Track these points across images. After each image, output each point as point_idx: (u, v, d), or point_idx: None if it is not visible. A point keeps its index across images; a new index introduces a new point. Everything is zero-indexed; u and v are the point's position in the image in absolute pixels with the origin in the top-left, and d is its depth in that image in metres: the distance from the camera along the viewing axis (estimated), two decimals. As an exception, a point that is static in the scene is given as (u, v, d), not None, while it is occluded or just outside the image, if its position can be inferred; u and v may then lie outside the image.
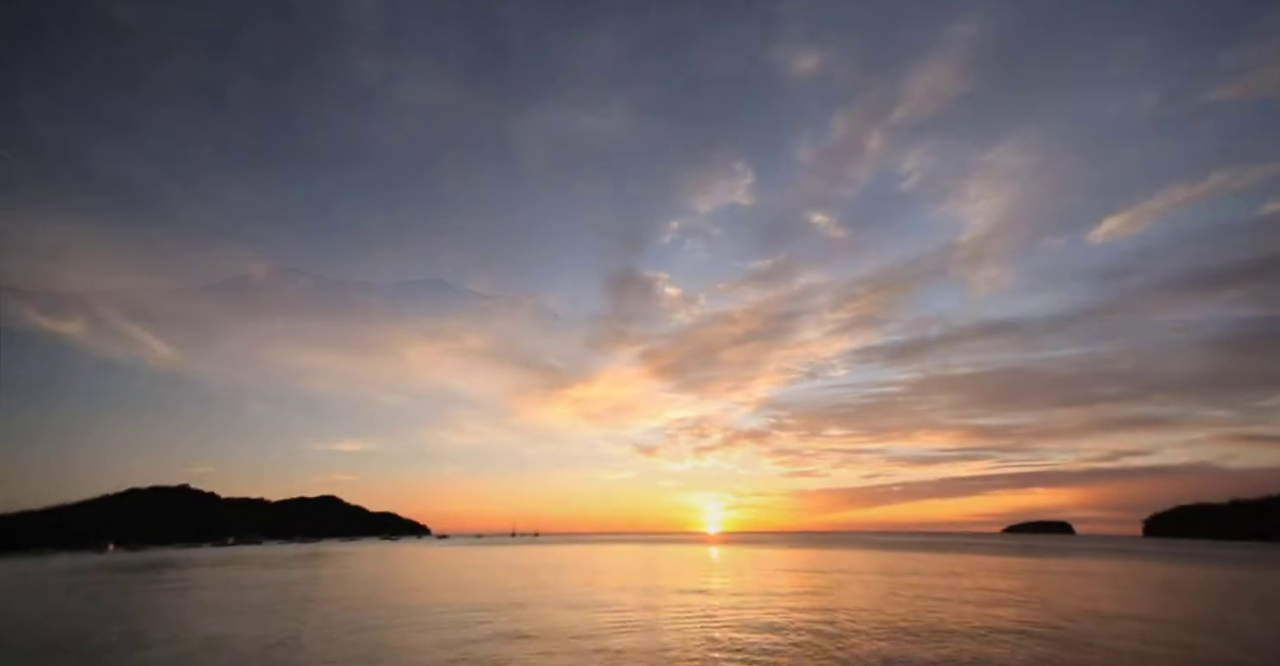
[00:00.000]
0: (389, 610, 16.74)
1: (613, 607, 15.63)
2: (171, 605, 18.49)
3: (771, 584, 20.09)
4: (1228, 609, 13.34)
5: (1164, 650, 9.07)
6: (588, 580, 24.16)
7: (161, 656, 10.30)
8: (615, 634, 11.81)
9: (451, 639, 11.60)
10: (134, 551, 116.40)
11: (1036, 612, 13.08)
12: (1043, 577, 20.50)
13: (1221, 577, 23.86)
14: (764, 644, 10.18)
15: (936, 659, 8.88)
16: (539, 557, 43.00)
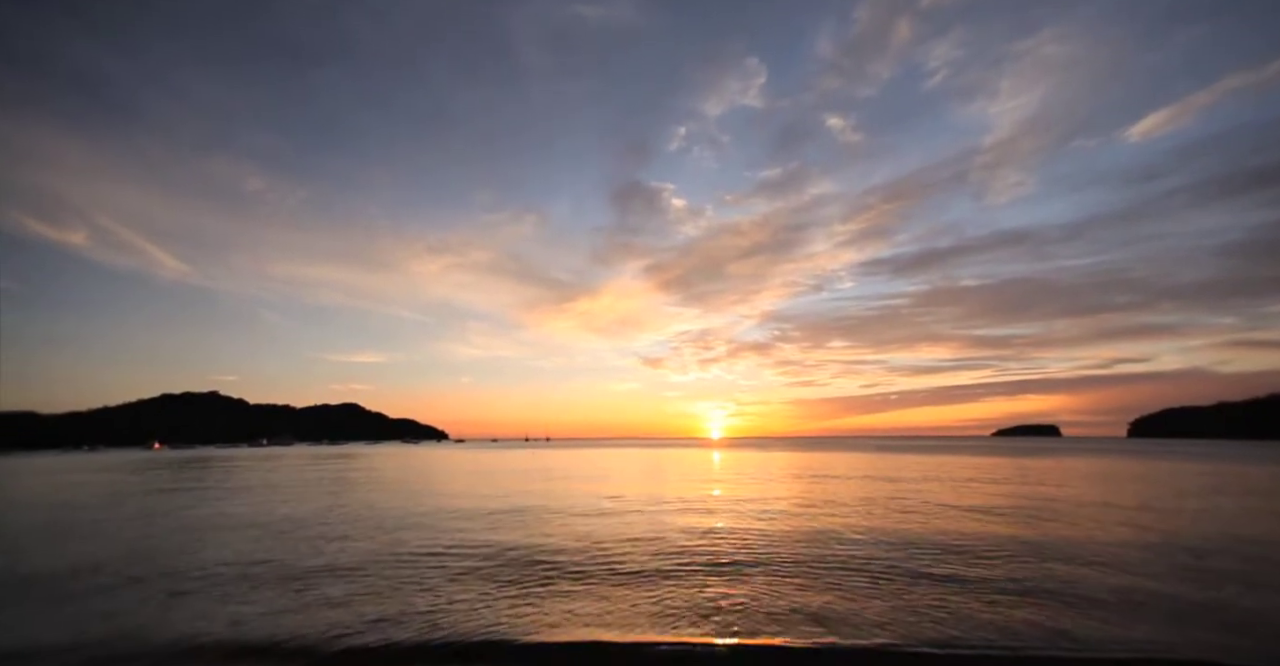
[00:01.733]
0: (428, 490, 18.91)
1: (621, 496, 17.46)
2: (238, 491, 20.67)
3: (765, 477, 22.09)
4: (1182, 494, 14.76)
5: (1099, 524, 10.37)
6: (598, 472, 26.58)
7: (250, 531, 11.99)
8: (623, 514, 13.45)
9: (479, 509, 13.38)
10: (177, 449, 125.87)
11: (1002, 499, 14.60)
12: (1016, 472, 22.26)
13: (1189, 470, 25.67)
14: (756, 526, 11.64)
15: (912, 529, 10.27)
16: (552, 457, 46.67)
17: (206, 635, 5.51)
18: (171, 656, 5.04)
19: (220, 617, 6.00)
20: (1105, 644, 4.97)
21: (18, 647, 5.33)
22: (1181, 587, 6.63)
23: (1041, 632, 5.23)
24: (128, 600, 6.74)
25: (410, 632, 5.45)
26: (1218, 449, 65.06)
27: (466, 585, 7.11)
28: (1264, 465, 32.66)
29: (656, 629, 5.38)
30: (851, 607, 5.90)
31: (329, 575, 7.74)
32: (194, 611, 6.25)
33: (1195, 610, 5.83)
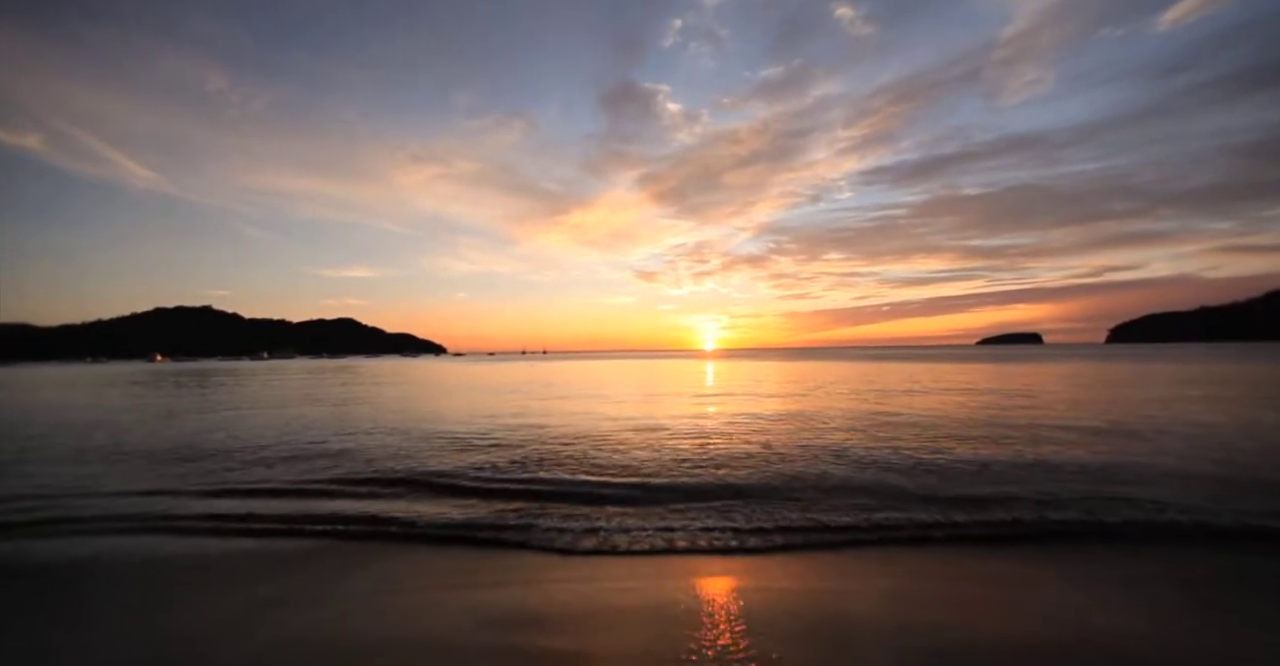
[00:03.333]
0: (436, 395, 20.01)
1: (618, 399, 18.62)
2: (249, 399, 21.64)
3: (757, 384, 23.40)
4: (1136, 391, 16.02)
5: (1038, 414, 11.47)
6: (594, 379, 27.90)
7: (268, 434, 12.87)
8: (619, 415, 14.54)
9: (484, 412, 14.42)
10: (179, 362, 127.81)
11: (971, 398, 15.82)
12: (991, 376, 23.67)
13: (1154, 371, 27.14)
14: (749, 424, 12.71)
15: (889, 421, 11.35)
16: (550, 368, 48.36)
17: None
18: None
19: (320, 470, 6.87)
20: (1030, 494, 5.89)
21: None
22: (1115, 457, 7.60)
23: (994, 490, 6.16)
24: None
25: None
26: (1188, 351, 69.25)
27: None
28: (1218, 363, 34.81)
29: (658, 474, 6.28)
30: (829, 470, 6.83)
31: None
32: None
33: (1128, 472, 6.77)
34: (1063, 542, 4.72)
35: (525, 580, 4.07)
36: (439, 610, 3.56)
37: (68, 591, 4.06)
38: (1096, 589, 3.74)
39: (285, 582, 4.10)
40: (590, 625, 3.29)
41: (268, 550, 4.82)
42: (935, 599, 3.59)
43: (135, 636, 3.33)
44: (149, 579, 4.29)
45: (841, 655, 2.81)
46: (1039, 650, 2.87)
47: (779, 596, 3.68)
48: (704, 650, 2.90)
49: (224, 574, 4.35)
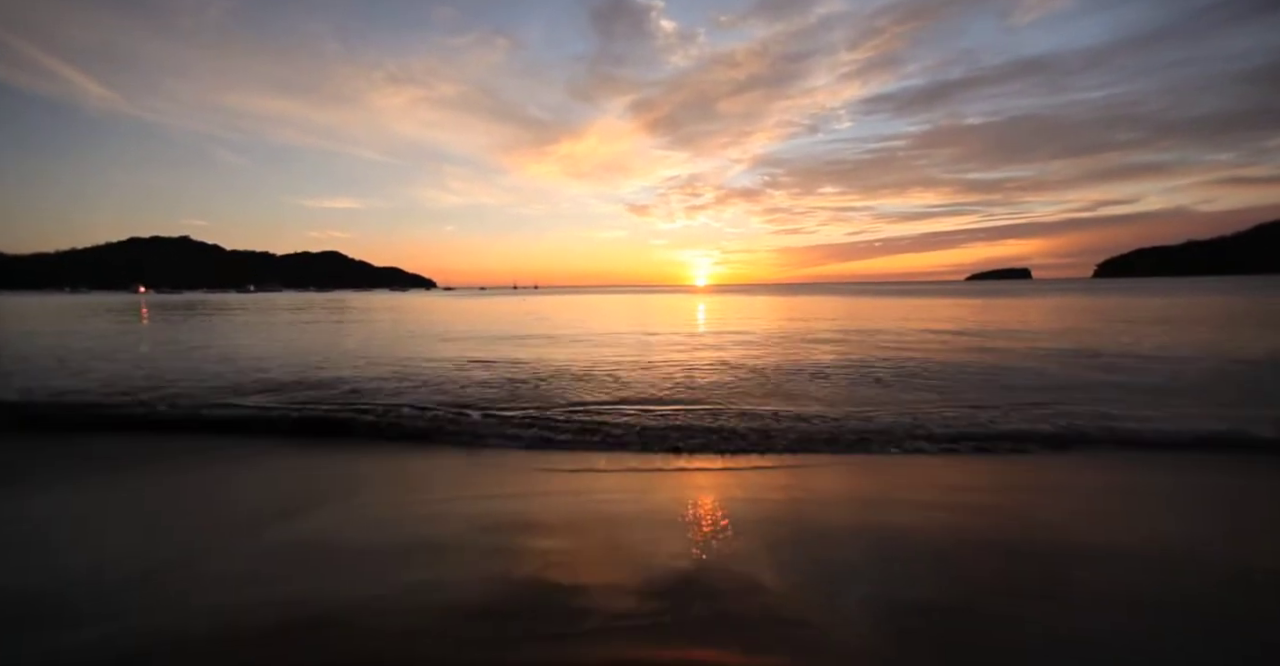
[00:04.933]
0: (436, 327, 20.11)
1: (614, 331, 18.75)
2: (251, 333, 21.28)
3: (751, 316, 23.61)
4: (1097, 322, 16.43)
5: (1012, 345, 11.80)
6: (587, 314, 28.02)
7: (279, 370, 12.84)
8: (612, 347, 14.70)
9: (486, 341, 14.57)
10: (163, 293, 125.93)
11: (950, 324, 16.14)
12: (972, 310, 24.03)
13: (1124, 304, 27.80)
14: (740, 351, 12.91)
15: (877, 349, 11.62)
16: (544, 303, 48.36)
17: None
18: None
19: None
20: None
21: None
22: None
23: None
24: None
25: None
26: (1170, 285, 71.32)
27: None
28: (1188, 296, 35.70)
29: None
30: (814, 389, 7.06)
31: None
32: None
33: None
34: (1045, 451, 4.95)
35: (522, 493, 4.25)
36: (438, 518, 3.72)
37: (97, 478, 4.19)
38: (1078, 495, 3.95)
39: (292, 493, 4.28)
40: (582, 529, 3.44)
41: (279, 465, 5.02)
42: (923, 505, 3.78)
43: (153, 537, 3.46)
44: (173, 484, 4.48)
45: (825, 556, 2.97)
46: (1027, 552, 3.04)
47: (765, 505, 3.85)
48: (689, 549, 3.05)
49: (240, 483, 4.56)
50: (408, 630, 2.31)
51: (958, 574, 2.75)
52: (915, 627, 2.26)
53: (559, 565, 2.90)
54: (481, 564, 2.94)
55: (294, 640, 2.26)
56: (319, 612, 2.47)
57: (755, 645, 2.17)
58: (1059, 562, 2.88)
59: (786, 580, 2.71)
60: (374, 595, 2.62)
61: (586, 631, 2.24)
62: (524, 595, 2.58)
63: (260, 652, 2.19)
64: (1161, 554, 2.97)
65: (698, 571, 2.78)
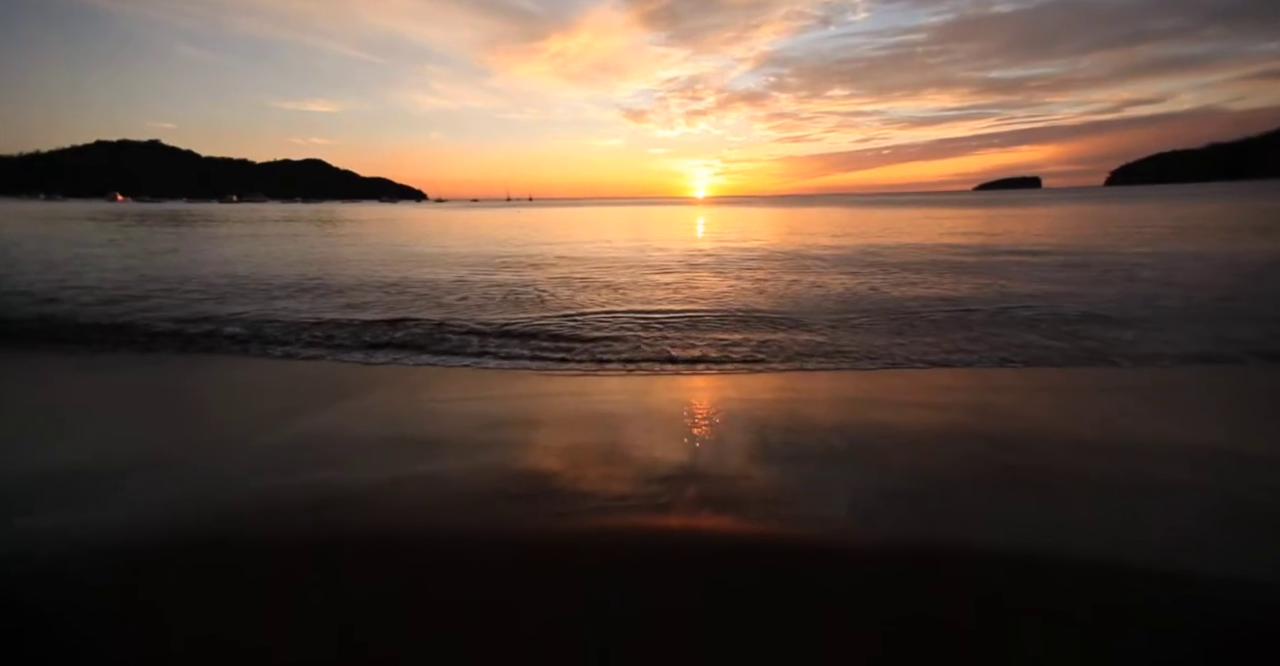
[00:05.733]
0: (435, 240, 19.74)
1: (610, 244, 18.41)
2: (251, 246, 20.51)
3: (752, 229, 23.11)
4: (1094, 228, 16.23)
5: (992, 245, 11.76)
6: (585, 227, 27.35)
7: (282, 286, 12.62)
8: (611, 258, 14.52)
9: (487, 252, 14.40)
10: (142, 202, 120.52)
11: (958, 240, 15.93)
12: (979, 221, 23.49)
13: (1132, 212, 27.26)
14: (740, 262, 12.77)
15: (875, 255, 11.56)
16: (538, 216, 46.95)
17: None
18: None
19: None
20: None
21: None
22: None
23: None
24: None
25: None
26: (1185, 192, 69.70)
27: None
28: (1200, 203, 34.95)
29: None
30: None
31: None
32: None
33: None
34: (1041, 363, 5.08)
35: (523, 393, 4.42)
36: (441, 417, 3.90)
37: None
38: (1063, 396, 4.11)
39: (307, 395, 4.45)
40: (582, 426, 3.61)
41: (295, 371, 5.17)
42: (908, 405, 3.94)
43: (174, 428, 3.66)
44: (192, 388, 4.70)
45: (811, 448, 3.14)
46: (1005, 444, 3.22)
47: (758, 405, 4.02)
48: (684, 444, 3.21)
49: (256, 386, 4.74)
50: (421, 507, 2.49)
51: (934, 461, 2.93)
52: (887, 504, 2.45)
53: (560, 457, 3.07)
54: (487, 456, 3.11)
55: (315, 515, 2.45)
56: (336, 494, 2.65)
57: (744, 518, 2.37)
58: (1033, 451, 3.07)
59: (775, 468, 2.89)
60: (388, 480, 2.80)
61: (587, 510, 2.42)
62: (527, 482, 2.75)
63: (282, 523, 2.38)
64: (1138, 446, 3.14)
65: (692, 462, 2.95)
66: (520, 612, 1.78)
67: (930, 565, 2.01)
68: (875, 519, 2.33)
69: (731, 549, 2.16)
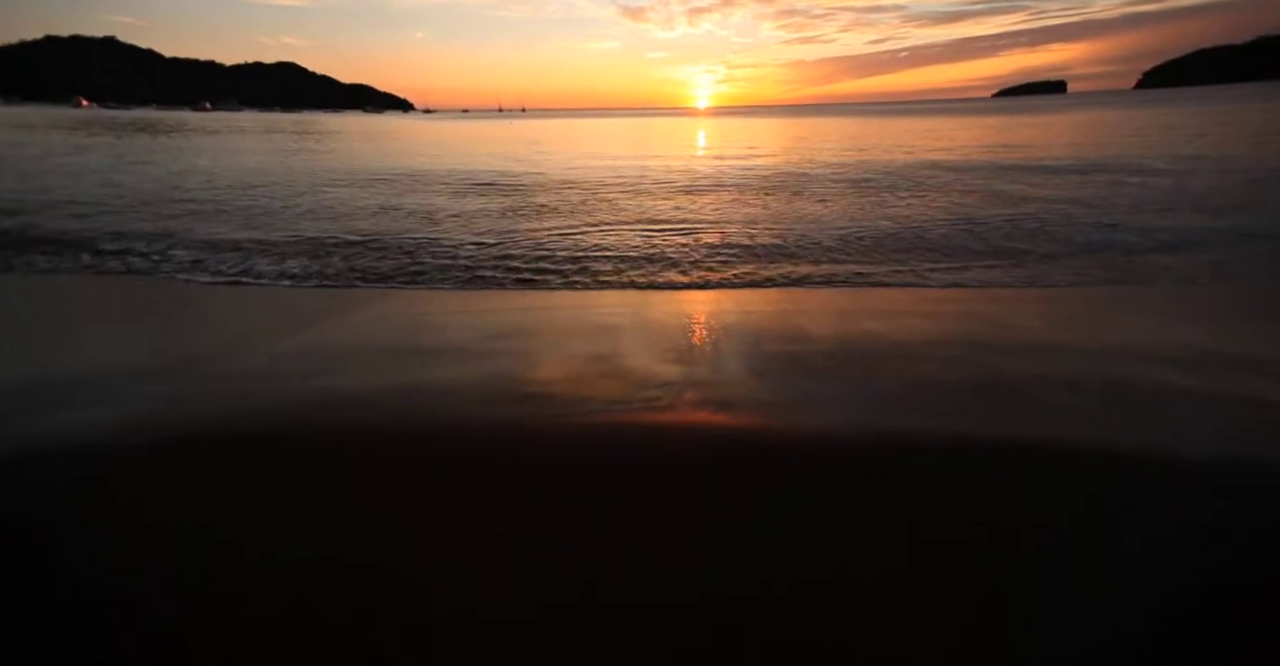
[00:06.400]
0: (428, 154, 18.79)
1: (611, 157, 17.57)
2: (236, 160, 19.33)
3: (754, 142, 21.95)
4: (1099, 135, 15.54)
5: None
6: (583, 140, 25.98)
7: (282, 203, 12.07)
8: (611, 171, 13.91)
9: (491, 170, 13.80)
10: (109, 109, 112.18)
11: (953, 150, 15.27)
12: (990, 131, 22.25)
13: (1160, 117, 25.72)
14: (742, 179, 12.27)
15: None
16: (532, 128, 44.35)
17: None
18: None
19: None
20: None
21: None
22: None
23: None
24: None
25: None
26: (1226, 93, 64.88)
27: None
28: (1246, 104, 32.94)
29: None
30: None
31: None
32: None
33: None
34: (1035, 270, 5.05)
35: (525, 307, 4.45)
36: (444, 329, 3.95)
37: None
38: (1056, 304, 4.13)
39: (314, 308, 4.48)
40: (582, 336, 3.66)
41: (291, 291, 5.09)
42: (901, 314, 3.97)
43: (166, 340, 3.71)
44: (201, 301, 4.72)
45: (805, 353, 3.20)
46: (992, 346, 3.28)
47: (755, 318, 4.07)
48: (683, 352, 3.27)
49: (264, 300, 4.73)
50: (427, 408, 2.57)
51: (928, 367, 2.99)
52: (881, 403, 2.54)
53: (560, 366, 3.12)
54: (490, 363, 3.16)
55: (323, 414, 2.53)
56: (341, 397, 2.73)
57: (738, 414, 2.48)
58: (1028, 357, 3.13)
59: (771, 374, 2.97)
60: (390, 385, 2.86)
61: (589, 411, 2.50)
62: (530, 386, 2.82)
63: (291, 418, 2.47)
64: (1131, 350, 3.19)
65: (690, 369, 3.01)
66: (519, 506, 1.88)
67: (921, 455, 2.12)
68: (870, 416, 2.43)
69: (726, 443, 2.26)
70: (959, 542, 1.65)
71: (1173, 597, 1.46)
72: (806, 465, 2.07)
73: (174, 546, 1.71)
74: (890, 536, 1.68)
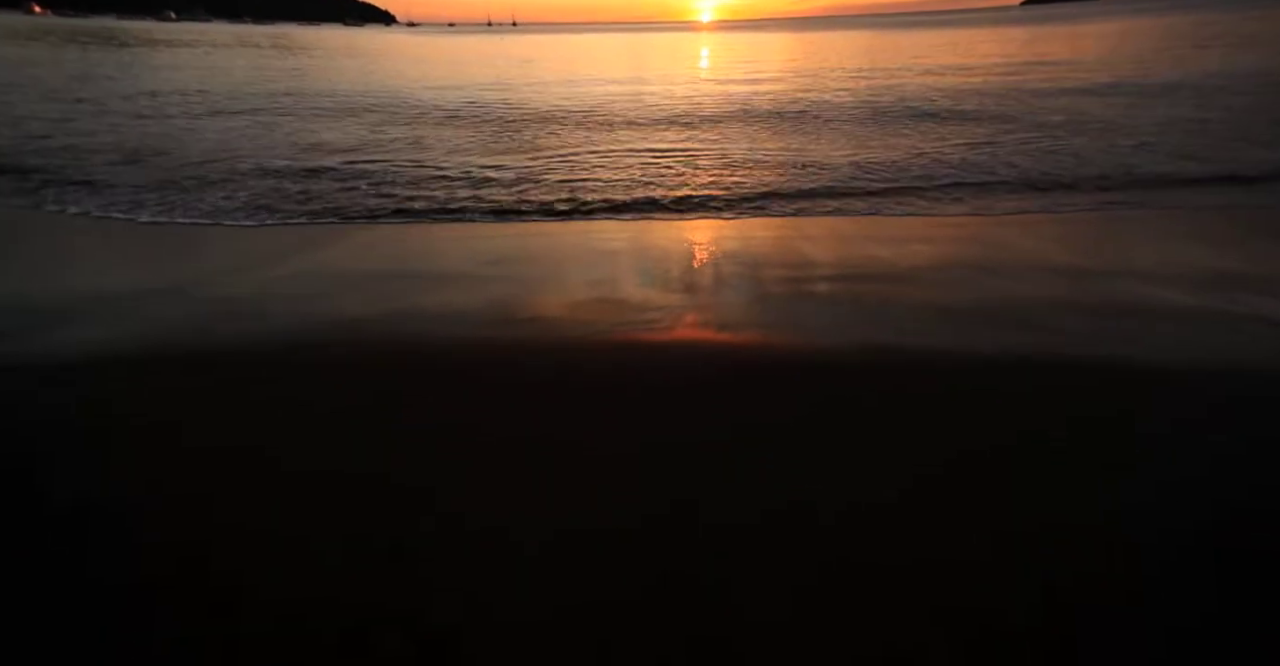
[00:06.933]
0: (420, 71, 17.55)
1: (611, 78, 16.51)
2: (213, 78, 18.25)
3: (760, 61, 20.54)
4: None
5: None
6: (581, 58, 24.27)
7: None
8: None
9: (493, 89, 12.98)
10: (65, 17, 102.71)
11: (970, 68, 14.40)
12: (1010, 45, 20.80)
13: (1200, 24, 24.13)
14: (746, 99, 11.58)
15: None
16: (525, 44, 41.18)
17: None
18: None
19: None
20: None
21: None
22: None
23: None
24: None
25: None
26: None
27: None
28: None
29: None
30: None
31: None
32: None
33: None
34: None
35: (526, 234, 4.37)
36: (446, 253, 3.93)
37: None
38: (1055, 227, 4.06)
39: (299, 239, 4.34)
40: (577, 262, 3.63)
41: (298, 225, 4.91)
42: (901, 240, 3.91)
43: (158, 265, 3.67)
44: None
45: (806, 278, 3.19)
46: (986, 267, 3.26)
47: (758, 244, 4.03)
48: (684, 278, 3.24)
49: (270, 234, 4.53)
50: (425, 332, 2.59)
51: (928, 289, 2.99)
52: (882, 322, 2.58)
53: (558, 291, 3.11)
54: (489, 289, 3.15)
55: (313, 335, 2.56)
56: (338, 320, 2.73)
57: (734, 331, 2.53)
58: (1029, 279, 3.12)
59: (770, 296, 2.99)
60: (391, 309, 2.86)
61: (592, 332, 2.52)
62: (526, 310, 2.82)
63: (283, 339, 2.50)
64: (1134, 272, 3.17)
65: (691, 293, 3.01)
66: (511, 419, 1.93)
67: (924, 373, 2.16)
68: (871, 336, 2.46)
69: (719, 358, 2.31)
70: (965, 456, 1.70)
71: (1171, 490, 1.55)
72: (809, 383, 2.11)
73: (161, 458, 1.77)
74: (896, 451, 1.73)
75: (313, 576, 1.34)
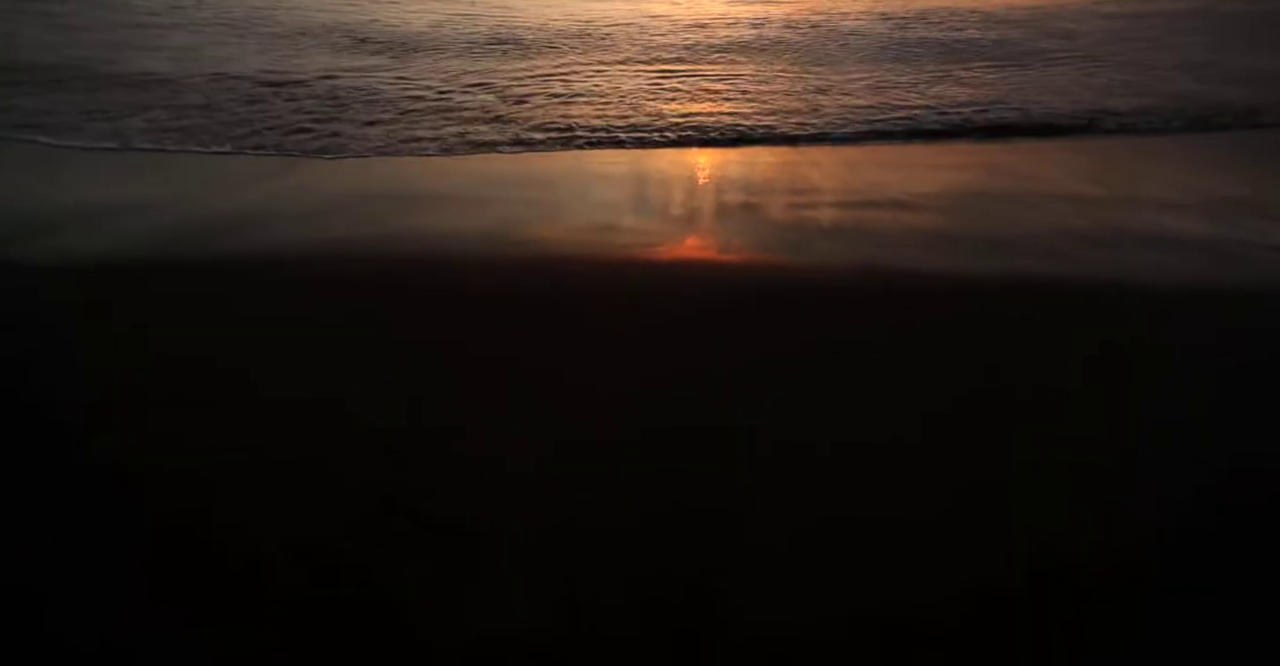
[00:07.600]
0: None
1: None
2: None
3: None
4: None
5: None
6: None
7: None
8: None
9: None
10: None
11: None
12: None
13: None
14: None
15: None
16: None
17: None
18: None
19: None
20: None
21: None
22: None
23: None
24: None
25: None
26: None
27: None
28: None
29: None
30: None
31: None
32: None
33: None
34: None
35: (514, 162, 4.14)
36: (439, 175, 3.78)
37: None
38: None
39: (279, 164, 4.04)
40: (584, 186, 3.51)
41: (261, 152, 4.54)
42: (905, 168, 3.79)
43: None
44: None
45: (806, 204, 3.10)
46: (982, 192, 3.16)
47: (762, 170, 3.91)
48: (685, 205, 3.15)
49: (219, 160, 4.17)
50: (419, 259, 2.49)
51: (929, 212, 2.94)
52: (878, 247, 2.53)
53: (562, 218, 3.00)
54: (485, 214, 3.03)
55: (292, 251, 2.47)
56: (323, 240, 2.63)
57: (735, 253, 2.49)
58: (1031, 205, 3.05)
59: (772, 221, 2.91)
60: (379, 233, 2.74)
61: (595, 254, 2.45)
62: (519, 233, 2.73)
63: (264, 252, 2.42)
64: (1138, 202, 3.10)
65: (691, 216, 2.93)
66: (496, 336, 1.87)
67: (928, 297, 2.13)
68: (874, 260, 2.41)
69: (717, 276, 2.28)
70: (967, 382, 1.67)
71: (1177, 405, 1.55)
72: (815, 308, 2.07)
73: (139, 363, 1.74)
74: (901, 375, 1.69)
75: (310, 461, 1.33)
